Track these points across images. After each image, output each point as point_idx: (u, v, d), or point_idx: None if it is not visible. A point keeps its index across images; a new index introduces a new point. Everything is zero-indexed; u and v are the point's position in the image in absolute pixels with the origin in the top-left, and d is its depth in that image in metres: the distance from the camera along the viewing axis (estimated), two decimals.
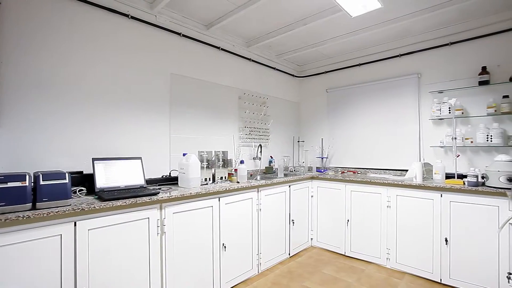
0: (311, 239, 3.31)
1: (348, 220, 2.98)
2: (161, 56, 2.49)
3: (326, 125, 3.90)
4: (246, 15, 2.62)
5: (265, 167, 3.46)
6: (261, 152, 3.31)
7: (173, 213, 1.89)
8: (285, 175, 3.25)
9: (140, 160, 2.07)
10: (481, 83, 2.62)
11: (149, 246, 1.75)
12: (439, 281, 2.39)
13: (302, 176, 3.18)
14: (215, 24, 2.74)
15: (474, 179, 2.27)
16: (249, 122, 3.35)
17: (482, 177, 2.30)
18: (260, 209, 2.59)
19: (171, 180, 2.38)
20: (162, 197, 1.79)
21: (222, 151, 2.57)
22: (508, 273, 2.06)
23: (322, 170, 3.63)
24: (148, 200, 1.72)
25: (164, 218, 1.83)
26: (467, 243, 2.26)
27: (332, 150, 3.81)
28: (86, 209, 1.46)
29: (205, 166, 2.39)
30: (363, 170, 3.48)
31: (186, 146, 2.66)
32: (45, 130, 1.83)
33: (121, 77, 2.21)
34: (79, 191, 1.78)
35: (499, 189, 2.12)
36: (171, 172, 2.48)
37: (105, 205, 1.53)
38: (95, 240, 1.52)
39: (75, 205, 1.47)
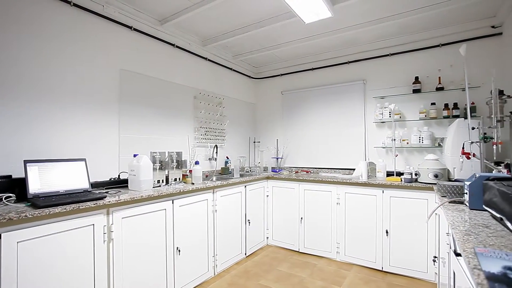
0: (267, 238, 3.38)
1: (301, 218, 3.11)
2: (110, 51, 2.31)
3: (281, 126, 4.02)
4: (202, 13, 2.57)
5: (221, 168, 3.43)
6: (217, 152, 3.27)
7: (122, 218, 1.76)
8: (241, 175, 3.26)
9: (84, 162, 1.89)
10: (414, 91, 2.96)
11: (94, 256, 1.60)
12: (381, 269, 2.63)
13: (257, 176, 3.23)
14: (170, 20, 2.63)
15: (409, 176, 2.56)
16: (205, 122, 3.28)
17: (415, 174, 2.60)
18: (216, 210, 2.56)
19: (120, 183, 2.21)
20: (109, 202, 1.66)
21: (176, 152, 2.48)
22: (434, 256, 2.36)
23: (277, 170, 3.73)
24: (93, 205, 1.57)
25: (112, 224, 1.70)
26: (403, 233, 2.53)
27: (287, 150, 3.93)
28: (14, 218, 1.27)
29: (157, 168, 2.28)
30: (315, 169, 3.67)
31: (137, 147, 2.50)
32: None
33: (62, 70, 1.99)
34: (5, 198, 1.55)
35: (428, 184, 2.42)
36: (120, 174, 2.31)
37: (39, 213, 1.35)
38: (27, 253, 1.34)
39: (0, 215, 1.28)
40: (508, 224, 0.95)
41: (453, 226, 1.09)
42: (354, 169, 3.30)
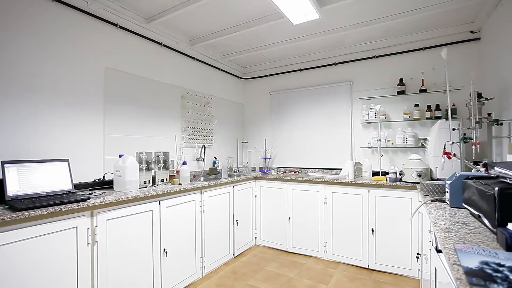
0: (255, 238, 3.38)
1: (289, 218, 3.13)
2: (94, 49, 2.25)
3: (269, 127, 4.03)
4: (190, 12, 2.55)
5: (209, 168, 3.41)
6: (204, 153, 3.25)
7: (107, 220, 1.72)
8: (229, 175, 3.25)
9: (67, 163, 1.83)
10: (399, 92, 3.04)
11: (77, 259, 1.56)
12: (367, 267, 2.68)
13: (246, 176, 3.23)
14: (156, 18, 2.59)
15: (394, 176, 2.62)
16: (193, 122, 3.25)
17: (400, 174, 2.67)
18: (204, 211, 2.54)
19: (105, 184, 2.16)
20: (93, 203, 1.61)
21: (163, 152, 2.44)
22: (417, 253, 2.43)
23: (265, 170, 3.74)
24: (76, 207, 1.53)
25: (96, 226, 1.66)
26: (388, 231, 2.59)
27: (275, 150, 3.95)
28: None
29: (144, 168, 2.24)
30: (303, 169, 3.70)
31: (123, 147, 2.45)
32: None
33: (43, 68, 1.93)
34: None
35: (412, 183, 2.48)
36: (105, 175, 2.25)
37: (18, 216, 1.30)
38: (4, 258, 1.29)
39: None
40: (485, 221, 0.99)
41: (435, 224, 1.13)
42: (341, 169, 3.35)
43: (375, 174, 2.93)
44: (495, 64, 2.33)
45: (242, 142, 4.21)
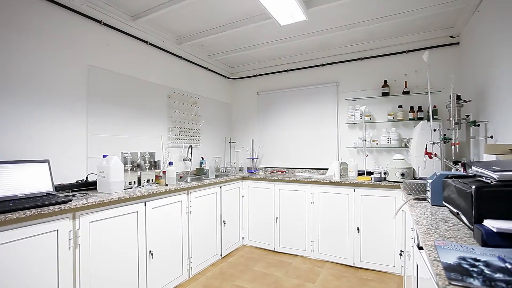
0: (243, 238, 3.38)
1: (277, 218, 3.15)
2: (76, 45, 2.19)
3: (257, 127, 4.04)
4: (177, 11, 2.52)
5: (196, 169, 3.38)
6: (191, 153, 3.22)
7: (90, 222, 1.68)
8: (216, 176, 3.24)
9: (47, 164, 1.77)
10: (383, 94, 3.11)
11: (58, 263, 1.51)
12: (353, 265, 2.73)
13: (233, 176, 3.22)
14: (142, 16, 2.54)
15: (379, 175, 2.68)
16: (179, 122, 3.22)
17: (384, 173, 2.73)
18: (191, 212, 2.52)
19: (88, 185, 2.10)
20: (75, 205, 1.57)
21: (149, 152, 2.40)
22: (400, 250, 2.50)
23: (253, 171, 3.75)
24: (57, 210, 1.48)
25: (79, 229, 1.61)
26: (373, 229, 2.64)
27: (262, 151, 3.96)
28: None
29: (129, 169, 2.20)
30: (290, 169, 3.73)
31: (107, 147, 2.39)
32: None
33: (22, 65, 1.85)
34: None
35: (396, 183, 2.55)
36: (88, 176, 2.19)
37: None
38: None
39: None
40: (463, 218, 1.03)
41: (417, 222, 1.16)
42: (327, 169, 3.40)
43: (360, 173, 2.99)
44: (472, 68, 2.43)
45: (230, 142, 4.19)
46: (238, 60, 3.88)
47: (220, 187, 2.95)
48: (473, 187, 0.91)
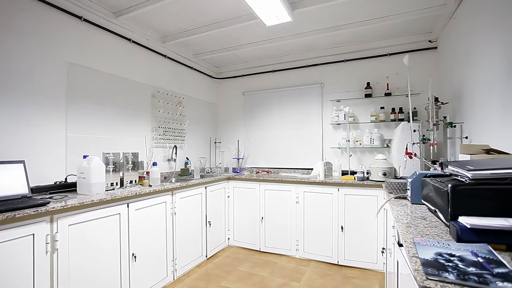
0: (228, 238, 3.36)
1: (262, 218, 3.16)
2: (54, 41, 2.10)
3: (242, 127, 4.04)
4: (161, 9, 2.47)
5: (181, 169, 3.33)
6: (176, 153, 3.17)
7: (69, 225, 1.62)
8: (202, 176, 3.21)
9: (22, 165, 1.70)
10: (366, 95, 3.19)
11: (34, 269, 1.44)
12: (337, 263, 2.78)
13: (218, 177, 3.20)
14: (125, 13, 2.48)
15: (362, 175, 2.75)
16: (164, 122, 3.16)
17: (367, 173, 2.80)
18: (175, 213, 2.48)
19: (67, 187, 2.02)
20: (53, 208, 1.51)
21: (132, 153, 2.35)
22: (382, 248, 2.57)
23: (238, 171, 3.74)
24: (32, 213, 1.41)
25: (57, 233, 1.55)
26: (356, 228, 2.70)
27: (248, 151, 3.96)
28: None
29: (111, 170, 2.14)
30: (276, 169, 3.75)
31: (88, 148, 2.31)
32: None
33: None
34: None
35: (378, 182, 2.62)
36: (67, 177, 2.11)
37: None
38: None
39: None
40: (440, 215, 1.07)
41: (397, 220, 1.20)
42: (312, 169, 3.44)
43: (344, 173, 3.05)
44: (449, 72, 2.53)
45: (215, 143, 4.17)
46: (224, 60, 3.86)
47: (205, 187, 2.93)
48: (449, 185, 0.95)
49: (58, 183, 2.01)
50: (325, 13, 2.57)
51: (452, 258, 0.72)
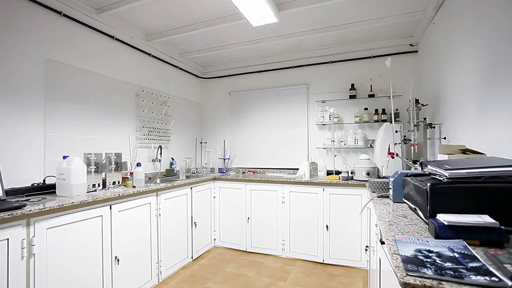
0: (214, 239, 3.34)
1: (248, 218, 3.16)
2: (32, 37, 2.02)
3: (229, 127, 4.02)
4: (145, 6, 2.43)
5: (166, 170, 3.28)
6: (161, 153, 3.12)
7: (48, 228, 1.56)
8: (187, 177, 3.17)
9: None
10: (351, 96, 3.25)
11: (8, 276, 1.38)
12: (322, 262, 2.82)
13: (204, 177, 3.17)
14: (107, 9, 2.42)
15: (346, 175, 2.80)
16: (148, 121, 3.10)
17: (351, 173, 2.86)
18: (160, 214, 2.44)
19: (46, 189, 1.94)
20: (30, 211, 1.44)
21: (115, 153, 2.29)
22: (366, 246, 2.62)
23: (224, 171, 3.73)
24: (7, 217, 1.35)
25: (34, 237, 1.48)
26: (341, 226, 2.75)
27: (234, 151, 3.95)
28: None
29: (93, 171, 2.07)
30: (262, 169, 3.76)
31: (68, 148, 2.23)
32: None
33: None
34: None
35: (362, 181, 2.68)
36: (46, 179, 2.03)
37: None
38: None
39: None
40: (420, 213, 1.11)
41: (380, 218, 1.23)
42: (298, 169, 3.47)
43: (329, 173, 3.10)
44: (429, 75, 2.63)
45: (201, 143, 4.13)
46: (210, 59, 3.84)
47: (191, 188, 2.90)
48: (428, 184, 0.99)
49: (35, 185, 1.93)
50: (310, 15, 2.61)
51: (430, 254, 0.75)
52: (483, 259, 0.71)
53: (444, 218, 0.88)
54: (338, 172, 3.03)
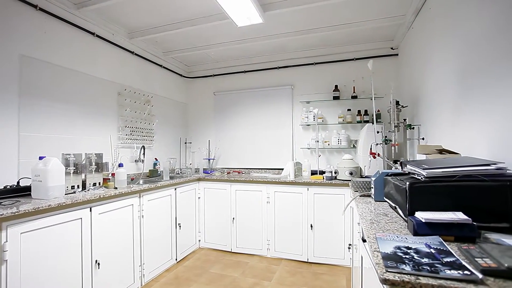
0: (199, 240, 3.31)
1: (233, 218, 3.15)
2: (4, 30, 1.92)
3: (213, 127, 4.00)
4: (128, 3, 2.37)
5: (149, 170, 3.21)
6: (144, 154, 3.05)
7: (22, 233, 1.48)
8: (171, 177, 3.12)
9: None
10: (334, 98, 3.32)
11: None
12: (307, 261, 2.86)
13: (189, 178, 3.13)
14: (88, 5, 2.34)
15: (330, 174, 2.85)
16: (131, 121, 3.03)
17: (335, 172, 2.91)
18: (143, 216, 2.38)
19: (20, 191, 1.85)
20: (2, 215, 1.37)
21: (96, 154, 2.22)
22: (349, 244, 2.68)
23: (209, 171, 3.70)
24: None
25: (6, 242, 1.41)
26: (325, 226, 2.80)
27: (219, 151, 3.93)
28: None
29: (71, 172, 2.00)
30: (247, 170, 3.76)
31: (45, 148, 2.14)
32: None
33: None
34: None
35: (345, 181, 2.74)
36: (20, 180, 1.93)
37: None
38: None
39: None
40: (399, 211, 1.15)
41: (362, 217, 1.26)
42: (283, 169, 3.50)
43: (313, 173, 3.14)
44: (408, 78, 2.72)
45: (185, 143, 4.07)
46: (195, 58, 3.80)
47: (175, 189, 2.85)
48: (407, 183, 1.02)
49: (8, 187, 1.84)
50: (295, 17, 2.63)
51: (409, 251, 0.77)
52: (457, 254, 0.75)
53: (421, 215, 0.92)
54: (322, 172, 3.08)
